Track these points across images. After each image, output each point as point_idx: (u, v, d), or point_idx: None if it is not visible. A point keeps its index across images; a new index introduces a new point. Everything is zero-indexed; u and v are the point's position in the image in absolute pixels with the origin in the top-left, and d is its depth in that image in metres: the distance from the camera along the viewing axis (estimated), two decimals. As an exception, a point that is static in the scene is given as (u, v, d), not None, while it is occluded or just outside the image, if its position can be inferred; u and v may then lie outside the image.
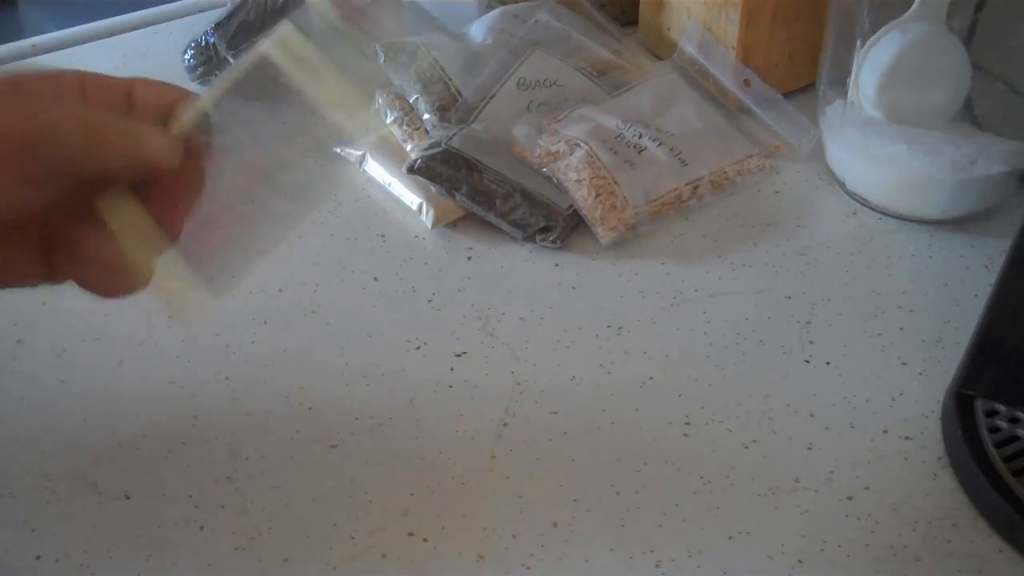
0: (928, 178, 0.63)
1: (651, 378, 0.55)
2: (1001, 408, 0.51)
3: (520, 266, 0.63)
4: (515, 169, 0.65)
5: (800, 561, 0.46)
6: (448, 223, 0.65)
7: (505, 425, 0.52)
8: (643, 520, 0.48)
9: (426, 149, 0.65)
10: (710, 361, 0.56)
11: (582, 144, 0.65)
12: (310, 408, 0.53)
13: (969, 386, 0.52)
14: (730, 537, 0.47)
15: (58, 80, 0.40)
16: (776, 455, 0.51)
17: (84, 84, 0.40)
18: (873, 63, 0.62)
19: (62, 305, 0.59)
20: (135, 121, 0.39)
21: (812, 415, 0.53)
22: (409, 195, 0.66)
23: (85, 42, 0.86)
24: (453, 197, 0.64)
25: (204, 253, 0.43)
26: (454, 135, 0.66)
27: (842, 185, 0.68)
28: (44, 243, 0.41)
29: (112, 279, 0.41)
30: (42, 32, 0.87)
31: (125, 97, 0.41)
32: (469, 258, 0.63)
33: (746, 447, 0.51)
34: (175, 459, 0.51)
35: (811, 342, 0.57)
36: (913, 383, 0.54)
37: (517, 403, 0.54)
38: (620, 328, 0.58)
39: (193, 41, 0.76)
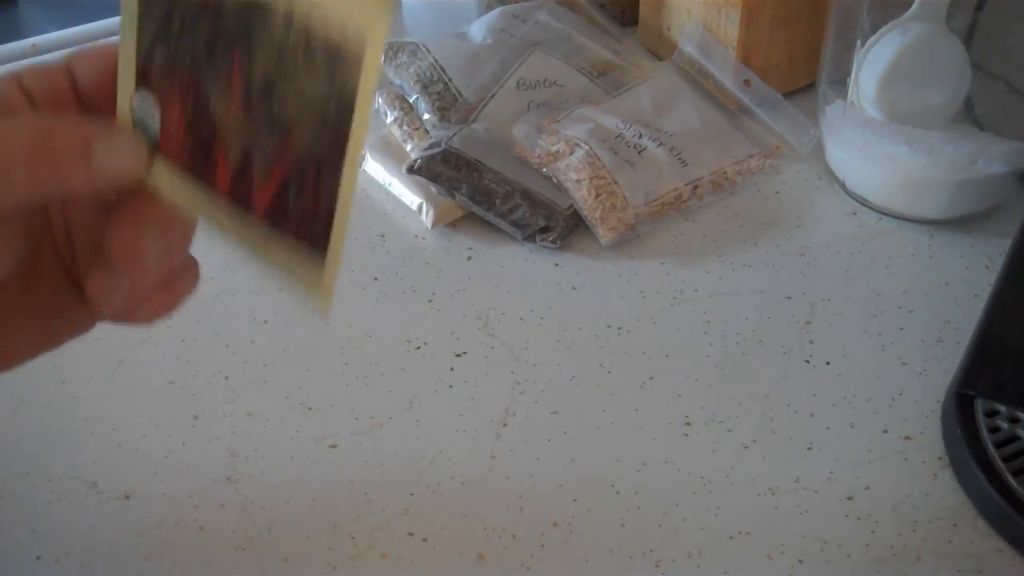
0: (928, 178, 0.63)
1: (651, 378, 0.55)
2: (1001, 408, 0.51)
3: (520, 266, 0.63)
4: (515, 169, 0.65)
5: (800, 561, 0.46)
6: (448, 223, 0.65)
7: (505, 425, 0.52)
8: (643, 520, 0.48)
9: (426, 149, 0.65)
10: (710, 361, 0.56)
11: (582, 144, 0.65)
12: (310, 408, 0.53)
13: (969, 386, 0.52)
14: (730, 537, 0.47)
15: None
16: (776, 455, 0.51)
17: (19, 79, 0.34)
18: (873, 63, 0.62)
19: (62, 305, 0.59)
20: (83, 125, 0.32)
21: (812, 415, 0.53)
22: (409, 195, 0.66)
23: (85, 42, 0.86)
24: (453, 197, 0.64)
25: (274, 211, 0.33)
26: (454, 135, 0.66)
27: (842, 185, 0.68)
28: (72, 277, 0.36)
29: (150, 292, 0.34)
30: (42, 32, 0.87)
31: (69, 81, 0.34)
32: (469, 258, 0.63)
33: (746, 447, 0.51)
34: (175, 459, 0.51)
35: (811, 342, 0.57)
36: (913, 383, 0.54)
37: (517, 403, 0.54)
38: (620, 328, 0.58)
39: (193, 41, 0.76)
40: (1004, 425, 0.50)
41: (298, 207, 0.32)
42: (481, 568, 0.46)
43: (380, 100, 0.72)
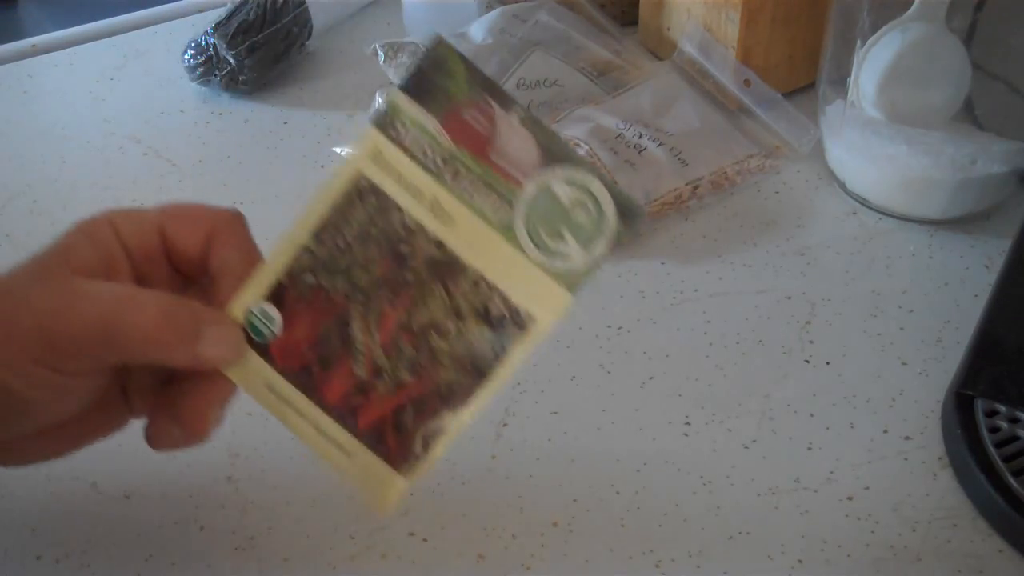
0: (928, 178, 0.63)
1: (651, 378, 0.55)
2: (1001, 408, 0.51)
3: (520, 266, 0.62)
4: (515, 169, 0.65)
5: (800, 561, 0.46)
6: (448, 223, 0.65)
7: (505, 425, 0.52)
8: (643, 520, 0.48)
9: (426, 149, 0.65)
10: (710, 361, 0.56)
11: (582, 144, 0.65)
12: (310, 408, 0.53)
13: (969, 386, 0.52)
14: (730, 537, 0.47)
15: (93, 232, 0.38)
16: (776, 455, 0.51)
17: (116, 227, 0.38)
18: (873, 63, 0.62)
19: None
20: (199, 311, 0.37)
21: (812, 415, 0.53)
22: (409, 195, 0.66)
23: (85, 42, 0.86)
24: (453, 197, 0.64)
25: (380, 427, 0.38)
26: (454, 135, 0.66)
27: (842, 185, 0.68)
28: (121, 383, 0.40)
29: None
30: (42, 32, 0.87)
31: (159, 238, 0.38)
32: (469, 258, 0.63)
33: (746, 447, 0.51)
34: (175, 459, 0.51)
35: (811, 342, 0.57)
36: (913, 383, 0.54)
37: (517, 403, 0.53)
38: (620, 328, 0.58)
39: (193, 41, 0.76)
40: (1004, 425, 0.50)
41: (403, 430, 0.38)
42: (481, 568, 0.46)
43: (380, 100, 0.72)
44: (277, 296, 0.38)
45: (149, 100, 0.78)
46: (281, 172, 0.71)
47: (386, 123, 0.37)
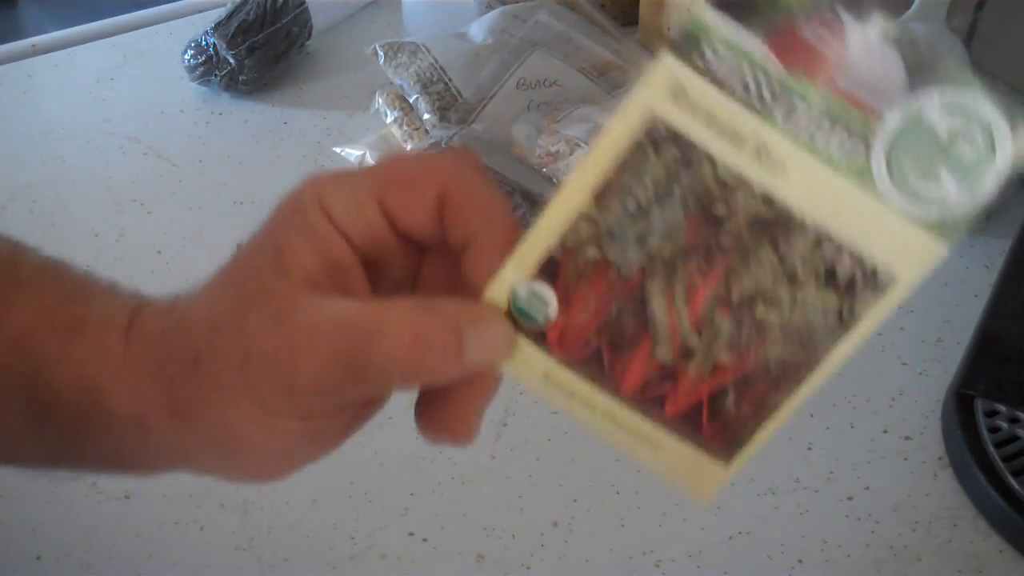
0: (928, 178, 0.63)
1: (651, 378, 0.55)
2: (1001, 408, 0.51)
3: (520, 266, 0.62)
4: (515, 169, 0.65)
5: (800, 561, 0.46)
6: (448, 223, 0.65)
7: (505, 425, 0.52)
8: (643, 520, 0.48)
9: (426, 149, 0.65)
10: (710, 361, 0.56)
11: (582, 144, 0.65)
12: (310, 408, 0.53)
13: (969, 386, 0.52)
14: (730, 537, 0.47)
15: (306, 225, 0.30)
16: (776, 455, 0.51)
17: (330, 212, 0.30)
18: (873, 63, 0.62)
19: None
20: (453, 313, 0.30)
21: (812, 415, 0.53)
22: (409, 195, 0.66)
23: (85, 42, 0.86)
24: (453, 197, 0.64)
25: (693, 414, 0.33)
26: (454, 135, 0.66)
27: (842, 185, 0.67)
28: None
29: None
30: (42, 32, 0.87)
31: (381, 213, 0.31)
32: (469, 258, 0.63)
33: (746, 447, 0.51)
34: (175, 459, 0.51)
35: (811, 342, 0.57)
36: (913, 383, 0.54)
37: (517, 403, 0.53)
38: (620, 328, 0.58)
39: (193, 41, 0.76)
40: (1004, 425, 0.50)
41: (722, 415, 0.33)
42: (481, 568, 0.46)
43: (380, 100, 0.72)
44: (549, 272, 0.31)
45: (149, 100, 0.78)
46: (281, 172, 0.71)
47: (690, 49, 0.29)
